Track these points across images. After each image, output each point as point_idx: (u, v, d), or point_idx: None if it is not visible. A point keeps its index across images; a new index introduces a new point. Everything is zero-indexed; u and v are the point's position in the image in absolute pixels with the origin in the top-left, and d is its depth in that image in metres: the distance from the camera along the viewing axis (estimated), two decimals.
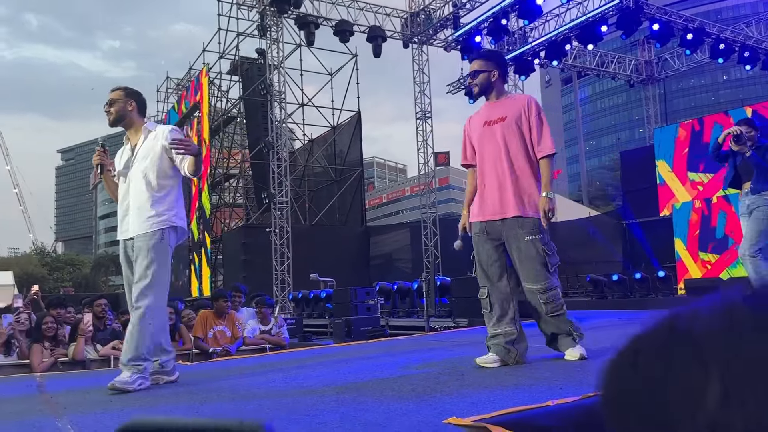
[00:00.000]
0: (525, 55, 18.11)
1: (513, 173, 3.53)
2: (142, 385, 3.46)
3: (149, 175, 3.73)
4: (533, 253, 3.45)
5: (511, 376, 3.01)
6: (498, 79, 3.72)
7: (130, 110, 3.86)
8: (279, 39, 16.86)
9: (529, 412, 2.08)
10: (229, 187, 26.41)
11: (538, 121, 3.56)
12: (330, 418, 2.32)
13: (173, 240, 3.73)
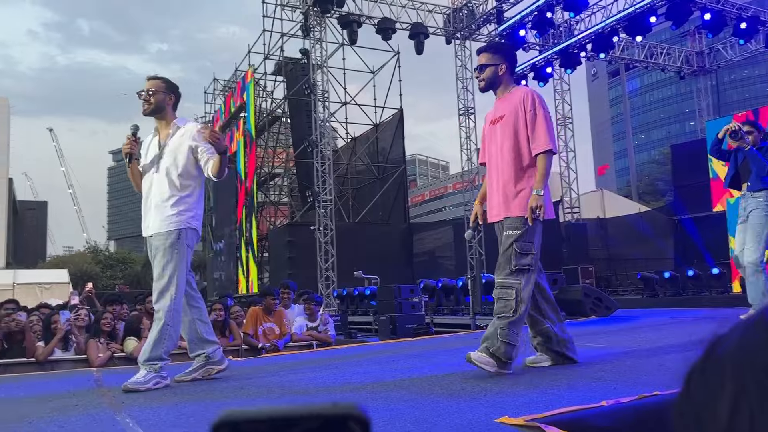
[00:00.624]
0: (571, 48, 17.76)
1: (504, 175, 3.45)
2: (158, 384, 3.45)
3: (173, 173, 3.67)
4: (504, 247, 3.38)
5: (563, 376, 2.96)
6: (506, 73, 3.60)
7: (169, 103, 3.81)
8: (322, 39, 16.99)
9: (583, 413, 2.04)
10: (274, 185, 26.78)
11: (533, 116, 3.40)
12: (380, 415, 2.32)
13: (192, 240, 3.68)
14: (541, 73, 18.56)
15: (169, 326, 3.52)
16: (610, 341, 4.39)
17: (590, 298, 7.59)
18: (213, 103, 28.26)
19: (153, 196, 3.69)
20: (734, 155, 5.26)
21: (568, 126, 19.52)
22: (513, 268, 3.29)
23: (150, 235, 3.67)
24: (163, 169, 3.69)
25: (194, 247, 3.78)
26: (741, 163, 5.21)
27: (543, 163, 3.36)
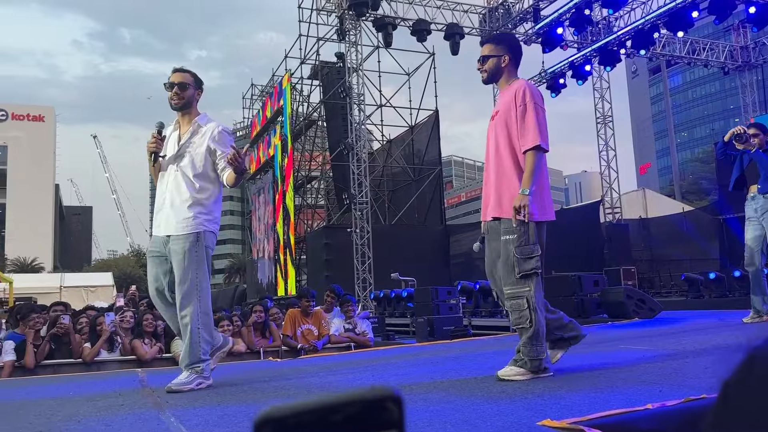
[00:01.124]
0: (610, 45, 17.45)
1: (496, 173, 3.31)
2: (201, 385, 3.47)
3: (190, 174, 3.60)
4: (505, 255, 3.21)
5: (606, 379, 2.90)
6: (509, 65, 3.44)
7: (197, 98, 3.76)
8: (357, 42, 17.07)
9: (628, 415, 2.00)
10: (311, 188, 27.01)
11: (522, 110, 3.23)
12: (419, 416, 2.32)
13: (211, 242, 3.63)
14: (580, 71, 18.28)
15: (200, 329, 3.51)
16: (654, 344, 4.29)
17: (633, 299, 7.43)
18: (251, 108, 28.68)
19: (169, 195, 3.62)
20: (739, 158, 5.36)
21: (608, 124, 19.16)
22: (518, 275, 3.14)
23: (165, 235, 3.59)
24: (180, 169, 3.62)
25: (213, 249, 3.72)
26: (747, 166, 5.31)
27: (531, 159, 3.16)
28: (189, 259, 3.49)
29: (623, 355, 3.46)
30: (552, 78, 18.81)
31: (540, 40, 17.65)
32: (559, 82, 18.77)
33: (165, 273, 3.62)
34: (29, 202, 66.11)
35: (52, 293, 22.87)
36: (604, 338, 5.05)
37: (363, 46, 17.66)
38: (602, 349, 4.15)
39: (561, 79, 18.74)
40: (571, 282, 8.71)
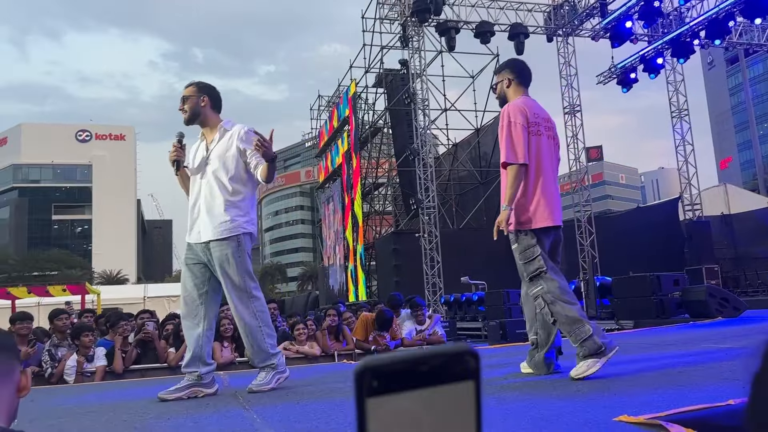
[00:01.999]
0: (682, 37, 16.77)
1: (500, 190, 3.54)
2: (279, 380, 3.56)
3: (223, 178, 3.57)
4: (517, 264, 3.49)
5: (686, 376, 2.82)
6: (513, 85, 3.63)
7: (203, 106, 3.70)
8: (420, 48, 17.15)
9: (708, 411, 1.95)
10: (378, 195, 27.26)
11: (501, 130, 3.44)
12: (493, 413, 2.34)
13: (248, 245, 3.62)
14: (652, 65, 17.66)
15: (261, 327, 3.55)
16: (739, 342, 4.11)
17: (716, 298, 7.12)
18: (318, 119, 29.28)
19: (204, 202, 3.60)
20: None
21: (684, 118, 18.40)
22: (527, 278, 3.40)
23: (204, 241, 3.56)
24: (211, 174, 3.60)
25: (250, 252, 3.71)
26: None
27: (506, 176, 3.40)
28: (236, 264, 3.50)
29: (705, 353, 3.34)
30: (623, 73, 18.25)
31: (608, 35, 17.18)
32: (630, 77, 18.19)
33: (204, 281, 3.62)
34: (113, 217, 69.87)
35: (136, 303, 24.03)
36: (685, 338, 4.88)
37: (426, 51, 17.72)
38: (683, 348, 4.02)
39: (632, 74, 18.16)
40: (649, 282, 8.44)
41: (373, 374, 0.39)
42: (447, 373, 0.40)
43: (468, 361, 0.40)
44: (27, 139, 74.13)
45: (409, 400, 0.39)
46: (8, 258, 55.62)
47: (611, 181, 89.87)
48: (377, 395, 0.39)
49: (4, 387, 1.21)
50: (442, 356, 0.40)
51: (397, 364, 0.39)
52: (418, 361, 0.39)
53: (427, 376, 0.39)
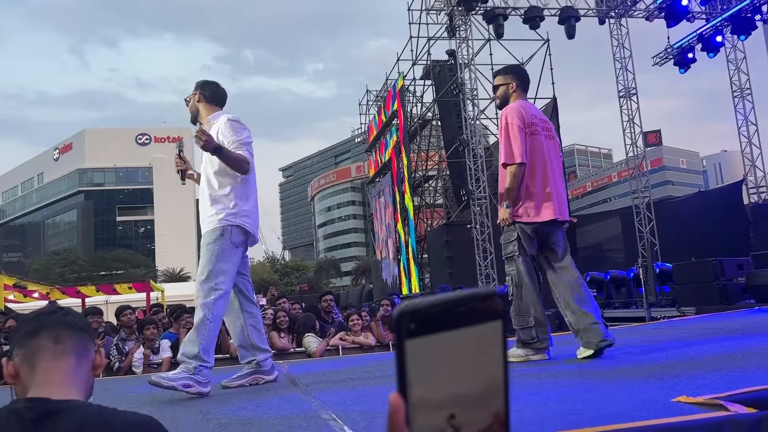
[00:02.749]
0: (743, 12, 16.03)
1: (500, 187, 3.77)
2: (188, 388, 3.20)
3: (209, 173, 3.57)
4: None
5: (749, 359, 2.74)
6: (517, 90, 3.83)
7: (199, 102, 3.72)
8: (468, 37, 17.00)
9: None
10: (428, 188, 27.20)
11: (500, 131, 3.68)
12: (550, 396, 2.34)
13: (239, 239, 3.49)
14: (711, 44, 16.96)
15: (209, 321, 3.34)
16: None
17: None
18: (367, 114, 29.41)
19: (200, 197, 3.68)
20: None
21: (747, 98, 17.59)
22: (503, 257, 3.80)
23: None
24: (203, 170, 3.64)
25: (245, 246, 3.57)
26: None
27: (505, 176, 3.62)
28: (208, 254, 3.44)
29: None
30: (680, 53, 17.61)
31: (663, 15, 16.60)
32: (688, 57, 17.53)
33: None
34: (174, 217, 72.18)
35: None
36: (750, 323, 4.72)
37: (474, 40, 17.54)
38: (748, 332, 3.89)
39: (690, 54, 17.49)
40: (711, 267, 8.17)
41: (411, 317, 0.42)
42: (478, 314, 0.43)
43: (497, 302, 0.43)
44: (90, 145, 77.38)
45: (444, 341, 0.42)
46: (78, 259, 58.29)
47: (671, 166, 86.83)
48: (415, 337, 0.42)
49: (82, 364, 1.31)
50: (474, 298, 0.43)
51: (433, 307, 0.42)
52: (453, 304, 0.43)
53: (460, 318, 0.42)
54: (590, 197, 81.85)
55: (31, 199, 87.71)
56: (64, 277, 48.55)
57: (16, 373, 1.27)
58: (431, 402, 0.42)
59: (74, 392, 1.26)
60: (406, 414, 0.42)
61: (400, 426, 0.42)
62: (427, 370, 0.42)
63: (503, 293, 0.48)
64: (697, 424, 1.70)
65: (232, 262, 3.46)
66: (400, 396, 0.42)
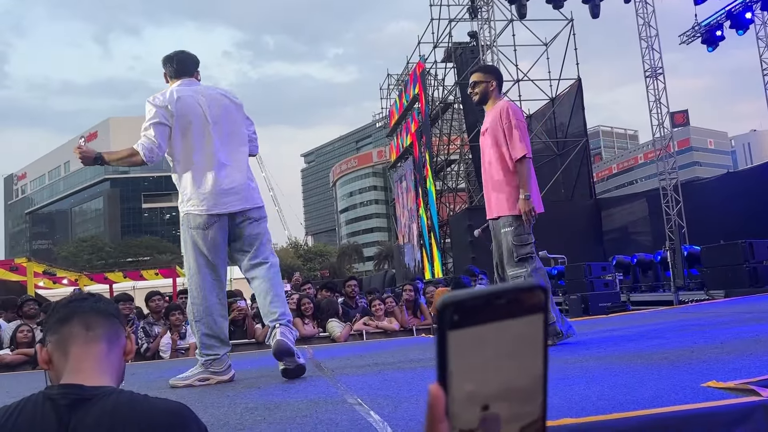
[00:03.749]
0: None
1: (491, 179, 3.96)
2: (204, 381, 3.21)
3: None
4: (505, 245, 3.87)
5: None
6: (495, 89, 4.06)
7: (167, 83, 3.50)
8: (490, 18, 16.79)
9: None
10: (451, 172, 27.08)
11: (509, 127, 3.84)
12: (576, 381, 2.32)
13: (194, 222, 3.27)
14: (740, 20, 16.51)
15: (195, 322, 3.27)
16: None
17: None
18: (388, 98, 29.29)
19: None
20: None
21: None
22: (516, 259, 3.82)
23: None
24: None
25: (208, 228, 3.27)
26: None
27: (522, 167, 3.82)
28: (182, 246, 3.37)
29: None
30: (708, 31, 17.17)
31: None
32: (716, 35, 17.09)
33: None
34: None
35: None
36: None
37: (496, 21, 17.35)
38: None
39: (718, 32, 17.05)
40: (741, 249, 8.02)
41: (455, 309, 0.42)
42: (520, 307, 0.42)
43: (538, 295, 0.43)
44: (115, 133, 78.34)
45: (487, 332, 0.42)
46: (105, 246, 59.34)
47: (699, 147, 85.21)
48: (458, 328, 0.42)
49: (113, 350, 1.33)
50: (517, 291, 0.43)
51: (476, 299, 0.42)
52: (495, 296, 0.42)
53: (502, 310, 0.42)
54: (616, 179, 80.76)
55: (58, 187, 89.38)
56: (91, 264, 49.54)
57: (50, 359, 1.29)
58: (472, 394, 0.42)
59: (106, 378, 1.28)
60: (445, 405, 0.42)
61: (440, 417, 0.42)
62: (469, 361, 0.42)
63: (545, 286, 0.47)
64: (728, 409, 1.68)
65: (196, 250, 3.29)
66: (440, 387, 0.42)
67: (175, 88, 3.36)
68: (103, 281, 15.31)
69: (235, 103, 3.47)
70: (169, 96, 3.30)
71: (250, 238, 3.36)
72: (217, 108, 3.37)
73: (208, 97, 3.37)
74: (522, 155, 3.79)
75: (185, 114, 3.28)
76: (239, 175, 3.33)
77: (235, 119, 3.43)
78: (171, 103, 3.27)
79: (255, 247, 3.37)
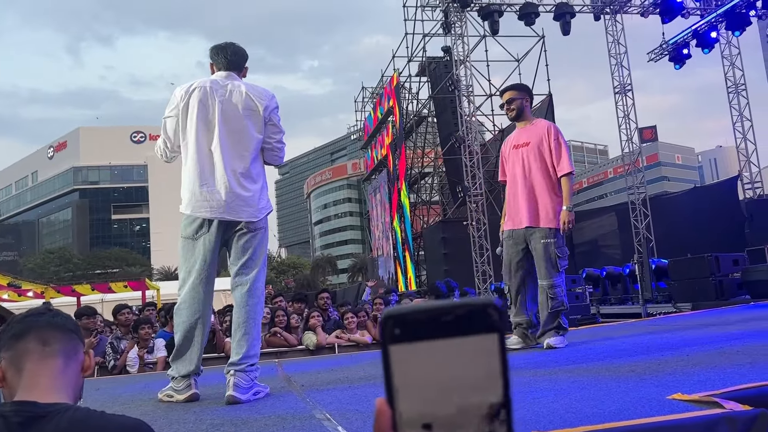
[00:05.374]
0: (737, 8, 16.04)
1: (532, 190, 4.18)
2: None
3: None
4: (546, 255, 4.11)
5: (744, 355, 2.74)
6: (527, 105, 4.43)
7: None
8: (463, 33, 16.98)
9: (766, 388, 1.89)
10: (425, 184, 27.20)
11: (557, 144, 4.17)
12: (544, 395, 2.33)
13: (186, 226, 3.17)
14: (705, 40, 16.97)
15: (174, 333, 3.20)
16: None
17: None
18: (363, 111, 29.36)
19: None
20: None
21: (742, 94, 17.62)
22: (558, 269, 4.12)
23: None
24: None
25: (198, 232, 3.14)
26: None
27: (567, 183, 4.14)
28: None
29: (767, 333, 3.23)
30: (675, 49, 17.61)
31: (658, 11, 16.61)
32: (683, 53, 17.53)
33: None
34: (169, 215, 71.69)
35: None
36: (746, 318, 4.72)
37: (469, 36, 17.53)
38: (743, 328, 3.89)
39: (685, 50, 17.49)
40: (707, 263, 8.18)
41: (395, 322, 0.40)
42: (470, 325, 0.40)
43: (491, 313, 0.41)
44: (85, 143, 77.11)
45: (431, 349, 0.40)
46: (73, 257, 58.10)
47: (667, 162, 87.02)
48: (400, 343, 0.40)
49: (70, 366, 1.29)
50: (464, 307, 0.40)
51: (419, 313, 0.40)
52: (440, 311, 0.40)
53: (450, 327, 0.40)
54: (586, 193, 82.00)
55: (25, 197, 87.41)
56: (59, 276, 48.41)
57: (3, 376, 1.25)
58: (418, 412, 0.40)
59: (62, 395, 1.24)
60: (392, 420, 0.40)
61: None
62: (413, 378, 0.40)
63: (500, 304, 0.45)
64: (693, 421, 1.69)
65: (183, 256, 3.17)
66: (386, 402, 0.40)
67: (207, 79, 3.25)
68: (70, 294, 14.97)
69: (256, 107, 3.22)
70: (190, 87, 3.20)
71: (240, 250, 3.20)
72: (232, 108, 3.18)
73: (229, 94, 3.20)
74: (569, 171, 4.14)
75: (196, 107, 3.15)
76: (235, 182, 3.14)
77: (248, 124, 3.20)
78: (187, 93, 3.18)
79: (242, 262, 3.21)
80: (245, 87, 3.26)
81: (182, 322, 3.09)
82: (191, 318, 3.09)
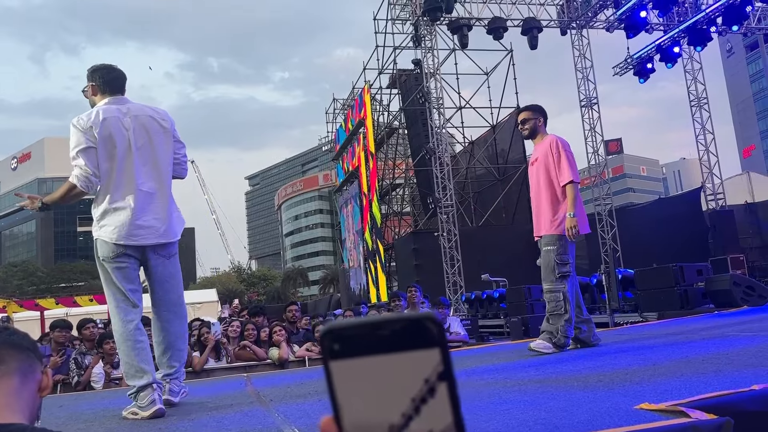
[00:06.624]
0: (699, 24, 16.54)
1: (541, 203, 4.43)
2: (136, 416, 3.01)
3: None
4: (546, 261, 4.32)
5: (710, 364, 2.78)
6: (542, 125, 4.59)
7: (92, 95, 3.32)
8: (433, 46, 17.14)
9: (732, 397, 1.92)
10: (396, 196, 27.27)
11: (558, 156, 4.37)
12: (513, 405, 2.33)
13: (103, 251, 3.20)
14: (669, 54, 17.45)
15: (118, 351, 3.21)
16: (764, 329, 4.04)
17: (741, 287, 7.01)
18: (334, 123, 29.38)
19: None
20: None
21: (704, 107, 18.13)
22: (557, 275, 4.24)
23: None
24: None
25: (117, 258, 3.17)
26: None
27: (570, 191, 4.30)
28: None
29: (729, 341, 3.30)
30: (639, 63, 18.06)
31: (623, 26, 17.02)
32: (647, 67, 17.99)
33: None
34: None
35: None
36: (709, 327, 4.81)
37: (439, 50, 17.72)
38: (707, 336, 3.96)
39: (649, 64, 17.96)
40: (672, 273, 8.33)
41: (333, 338, 0.40)
42: (409, 340, 0.40)
43: (430, 328, 0.40)
44: (50, 154, 75.52)
45: (371, 365, 0.39)
46: (37, 270, 56.68)
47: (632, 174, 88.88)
48: (339, 358, 0.39)
49: (26, 385, 1.25)
50: (402, 322, 0.40)
51: (356, 328, 0.40)
52: (377, 326, 0.40)
53: (388, 342, 0.39)
54: None
55: None
56: (22, 290, 47.18)
57: None
58: (362, 429, 0.39)
59: (17, 415, 1.20)
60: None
61: None
62: (355, 394, 0.39)
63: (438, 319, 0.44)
64: (660, 431, 1.71)
65: (109, 280, 3.21)
66: (332, 419, 0.39)
67: (102, 107, 3.21)
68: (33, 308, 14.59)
69: (163, 126, 3.30)
70: (95, 117, 3.15)
71: (162, 278, 3.28)
72: (143, 132, 3.22)
73: (134, 120, 3.21)
74: (569, 180, 4.28)
75: (109, 137, 3.14)
76: (160, 206, 3.21)
77: (162, 144, 3.28)
78: (96, 125, 3.12)
79: (165, 290, 3.30)
80: (144, 109, 3.32)
81: (121, 334, 3.16)
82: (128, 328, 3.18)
